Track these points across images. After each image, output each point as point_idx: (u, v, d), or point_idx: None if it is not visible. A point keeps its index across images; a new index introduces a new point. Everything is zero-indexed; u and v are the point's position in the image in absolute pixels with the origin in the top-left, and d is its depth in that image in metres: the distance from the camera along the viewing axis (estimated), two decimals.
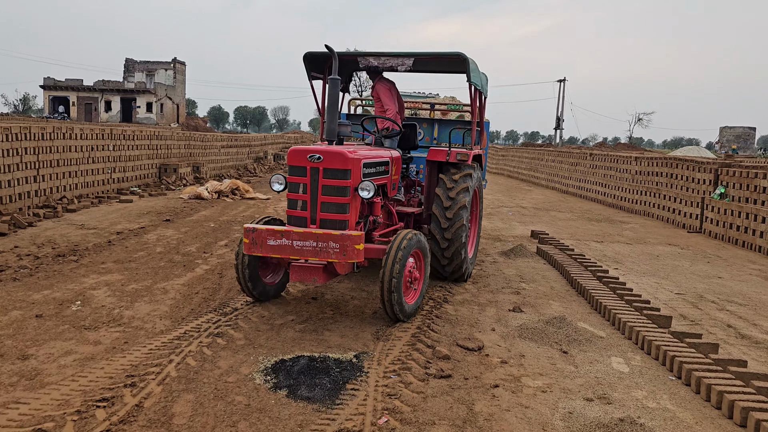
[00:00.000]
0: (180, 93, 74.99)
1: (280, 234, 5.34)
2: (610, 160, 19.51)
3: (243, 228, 5.57)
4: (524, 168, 29.43)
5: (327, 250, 5.21)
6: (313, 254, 5.26)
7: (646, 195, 16.34)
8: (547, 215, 15.63)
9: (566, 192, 22.80)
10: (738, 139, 77.44)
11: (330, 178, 5.52)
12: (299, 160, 5.60)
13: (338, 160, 5.53)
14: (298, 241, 5.29)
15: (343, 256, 5.19)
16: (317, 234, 5.25)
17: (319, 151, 5.54)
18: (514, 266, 8.77)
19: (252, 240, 5.45)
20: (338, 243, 5.18)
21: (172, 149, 18.69)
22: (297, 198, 5.66)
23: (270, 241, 5.38)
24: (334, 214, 5.54)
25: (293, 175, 5.66)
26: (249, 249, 5.48)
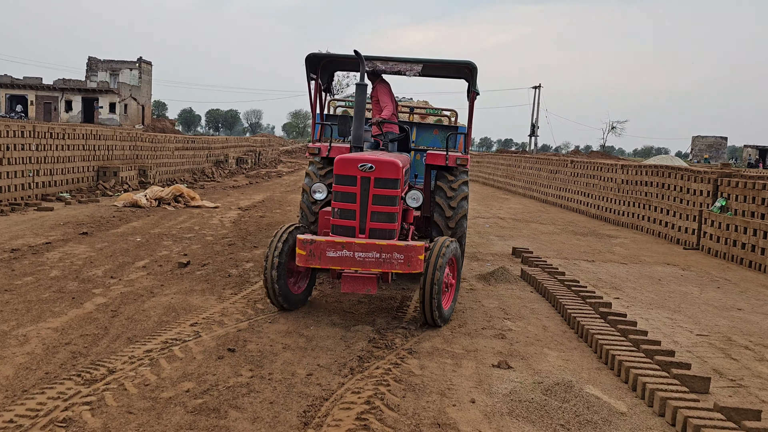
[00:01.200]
0: (146, 93, 72.42)
1: (341, 245, 5.28)
2: (593, 168, 18.17)
3: (297, 239, 5.41)
4: (500, 175, 28.08)
5: (391, 261, 5.26)
6: (375, 265, 5.27)
7: (635, 206, 14.99)
8: (528, 228, 14.16)
9: (545, 201, 21.44)
10: (710, 149, 77.60)
11: (381, 188, 5.52)
12: (349, 169, 5.53)
13: (391, 169, 5.54)
14: (360, 253, 5.26)
15: (407, 266, 5.26)
16: (381, 245, 5.27)
17: (371, 161, 5.51)
18: (495, 295, 7.21)
19: (309, 252, 5.31)
20: (403, 254, 5.25)
21: (114, 151, 16.80)
22: (345, 207, 5.55)
23: (330, 252, 5.29)
24: (384, 223, 5.55)
25: (341, 184, 5.56)
26: (306, 261, 5.35)
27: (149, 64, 73.71)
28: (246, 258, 8.53)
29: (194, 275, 7.26)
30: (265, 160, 34.54)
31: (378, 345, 5.02)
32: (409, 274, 5.45)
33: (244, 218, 12.47)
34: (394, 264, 5.26)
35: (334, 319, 5.76)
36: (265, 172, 28.74)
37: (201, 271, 7.47)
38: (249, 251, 9.07)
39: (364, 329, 5.46)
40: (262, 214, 13.30)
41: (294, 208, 14.93)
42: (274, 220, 12.50)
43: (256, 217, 12.67)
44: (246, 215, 12.92)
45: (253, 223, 11.81)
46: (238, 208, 13.94)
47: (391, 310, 6.18)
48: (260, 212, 13.56)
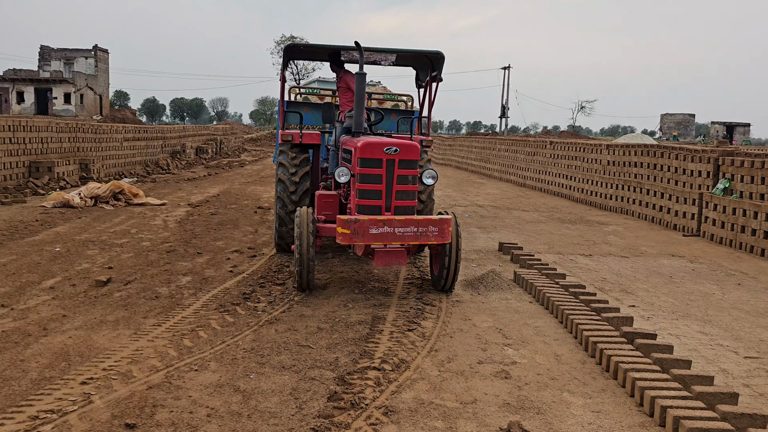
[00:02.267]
0: (103, 83, 69.41)
1: (382, 223, 5.64)
2: (574, 149, 16.99)
3: (337, 219, 5.67)
4: (474, 159, 26.83)
5: (427, 234, 5.73)
6: (414, 239, 5.72)
7: (624, 189, 13.84)
8: (510, 216, 12.91)
9: (524, 185, 20.25)
10: (678, 126, 77.70)
11: (405, 168, 5.97)
12: (375, 153, 5.91)
13: (413, 151, 6.00)
14: (399, 228, 5.67)
15: (441, 237, 5.77)
16: (418, 220, 5.71)
17: (395, 144, 5.93)
18: (487, 309, 5.90)
19: (353, 230, 5.60)
20: (437, 227, 5.75)
21: (50, 143, 15.03)
22: (371, 188, 5.93)
23: (372, 229, 5.62)
24: (407, 200, 6.04)
25: (366, 167, 5.92)
26: (350, 239, 5.62)
27: (106, 52, 70.65)
28: (184, 269, 7.06)
29: (112, 298, 5.79)
30: (227, 149, 32.75)
31: (341, 403, 3.65)
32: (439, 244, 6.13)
33: (192, 217, 10.95)
34: (430, 236, 5.75)
35: (284, 359, 4.37)
36: (227, 161, 27.03)
37: (122, 292, 6.00)
38: (190, 260, 7.60)
39: (323, 375, 4.09)
40: (214, 210, 11.77)
41: (252, 201, 13.43)
42: (227, 218, 11.00)
43: (206, 215, 11.14)
44: (195, 213, 11.39)
45: (202, 223, 10.30)
46: (188, 205, 12.39)
47: (359, 341, 4.82)
48: (212, 208, 12.03)
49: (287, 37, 62.24)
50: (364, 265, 7.58)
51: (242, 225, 10.35)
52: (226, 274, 6.92)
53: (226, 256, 7.92)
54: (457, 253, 6.15)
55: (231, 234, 9.48)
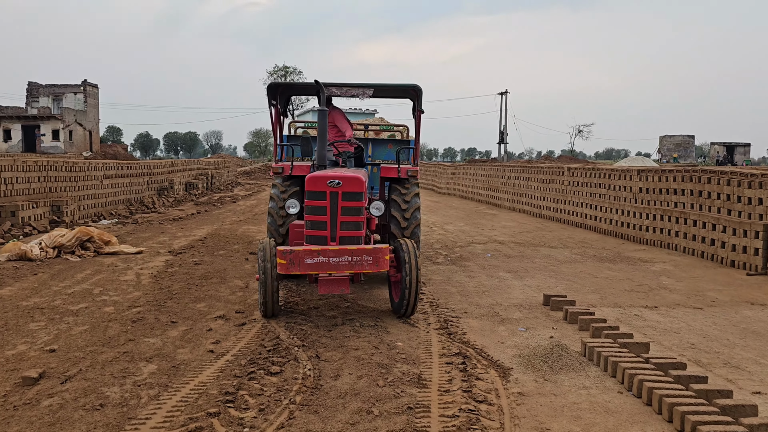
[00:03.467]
0: (92, 118, 68.13)
1: (316, 253, 5.84)
2: (597, 175, 15.46)
3: (277, 250, 5.90)
4: (480, 187, 25.31)
5: (361, 262, 5.90)
6: (348, 268, 5.90)
7: (663, 220, 12.26)
8: (539, 255, 11.29)
9: (539, 216, 18.68)
10: (678, 148, 76.76)
11: (348, 200, 6.27)
12: (319, 185, 6.25)
13: (355, 184, 6.32)
14: (334, 258, 5.85)
15: (375, 266, 5.94)
16: (352, 249, 5.90)
17: (337, 177, 6.27)
18: (566, 408, 4.23)
19: (289, 260, 5.82)
20: (371, 256, 5.92)
21: (15, 184, 13.41)
22: (317, 219, 6.26)
23: (307, 259, 5.83)
24: (352, 231, 6.31)
25: (313, 198, 6.28)
26: (287, 269, 5.83)
27: (95, 87, 69.56)
28: (150, 350, 5.39)
29: (37, 409, 4.09)
30: (219, 184, 31.17)
31: None
32: (376, 274, 6.57)
33: (172, 268, 9.29)
34: (364, 265, 5.89)
35: None
36: (218, 197, 25.42)
37: (54, 397, 4.30)
38: (160, 333, 5.93)
39: None
40: (199, 259, 10.11)
41: (243, 245, 11.78)
42: (213, 268, 9.35)
43: (188, 266, 9.48)
44: (176, 263, 9.72)
45: (182, 277, 8.63)
46: (168, 252, 10.72)
47: None
48: (197, 256, 10.37)
49: (280, 68, 61.42)
50: (384, 335, 5.92)
51: (230, 278, 8.69)
52: (204, 357, 5.25)
53: (207, 325, 6.25)
54: (415, 280, 6.24)
55: (216, 291, 7.82)
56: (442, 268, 9.81)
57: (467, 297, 7.72)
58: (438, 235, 14.01)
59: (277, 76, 61.15)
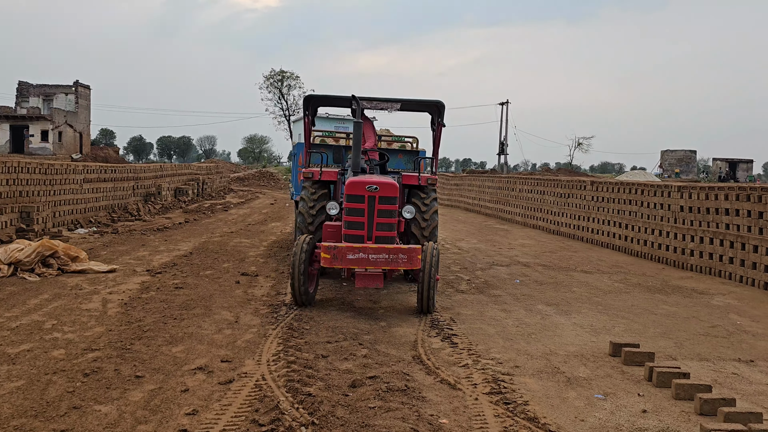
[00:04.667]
0: (83, 120, 66.36)
1: (357, 249, 6.66)
2: (627, 191, 14.01)
3: (321, 246, 6.81)
4: (488, 200, 23.85)
5: (397, 260, 6.73)
6: (385, 264, 6.72)
7: (714, 244, 10.81)
8: (574, 281, 9.81)
9: (558, 233, 17.21)
10: (680, 163, 75.76)
11: (384, 204, 7.07)
12: (358, 189, 7.06)
13: (391, 189, 7.14)
14: (373, 255, 6.66)
15: (409, 264, 6.77)
16: (389, 248, 6.73)
17: (375, 182, 7.06)
18: None
19: (333, 255, 6.66)
20: (406, 254, 6.74)
21: None
22: (355, 220, 7.06)
23: (349, 255, 6.65)
24: (386, 231, 7.12)
25: (352, 201, 7.07)
26: (330, 263, 6.72)
27: (87, 88, 67.86)
28: (99, 428, 3.85)
29: None
30: (210, 190, 29.58)
31: None
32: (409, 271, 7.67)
33: (148, 293, 7.74)
34: (399, 262, 6.74)
35: None
36: (209, 204, 23.86)
37: None
38: (118, 395, 4.39)
39: None
40: (181, 281, 8.56)
41: (234, 263, 10.23)
42: (197, 294, 7.80)
43: (168, 290, 7.94)
44: (153, 286, 8.17)
45: (158, 306, 7.08)
46: (146, 271, 9.16)
47: None
48: (179, 277, 8.83)
49: (277, 72, 59.96)
50: (420, 404, 4.39)
51: (217, 308, 7.14)
52: None
53: (182, 381, 4.72)
54: (430, 279, 6.83)
55: (198, 327, 6.28)
56: (468, 298, 8.30)
57: (511, 341, 6.20)
58: (453, 254, 12.51)
59: (274, 80, 59.73)
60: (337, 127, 43.00)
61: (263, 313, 6.98)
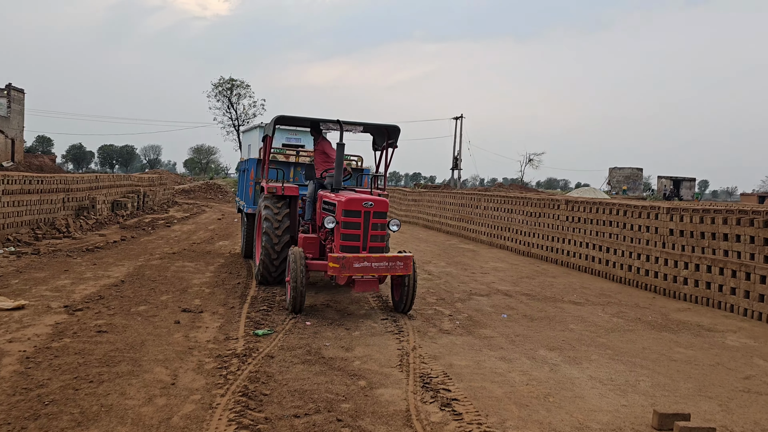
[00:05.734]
0: (16, 125, 62.41)
1: (362, 258, 7.39)
2: (608, 212, 13.08)
3: (329, 257, 7.47)
4: (450, 217, 22.76)
5: (395, 267, 7.53)
6: (386, 271, 7.50)
7: (712, 272, 9.89)
8: (568, 316, 8.67)
9: (529, 254, 16.20)
10: (627, 180, 77.14)
11: (377, 218, 7.85)
12: (355, 206, 7.74)
13: (383, 205, 7.90)
14: (375, 263, 7.45)
15: (405, 269, 7.60)
16: (389, 257, 7.55)
17: (372, 200, 7.83)
18: None
19: (342, 264, 7.31)
20: (402, 262, 7.59)
21: None
22: (352, 233, 7.74)
23: (356, 264, 7.35)
24: (379, 242, 7.91)
25: (349, 216, 7.73)
26: (339, 271, 7.32)
27: (21, 92, 63.97)
28: None
29: None
30: (152, 203, 27.49)
31: None
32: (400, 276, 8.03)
33: (60, 340, 6.12)
34: (397, 269, 7.54)
35: None
36: (150, 219, 21.91)
37: None
38: None
39: None
40: (107, 321, 6.95)
41: (175, 295, 8.65)
42: (124, 340, 6.23)
43: (87, 334, 6.33)
44: (70, 328, 6.55)
45: (71, 361, 5.49)
46: (64, 307, 7.50)
47: None
48: (104, 315, 7.21)
49: (226, 80, 57.84)
50: None
51: (149, 361, 5.61)
52: None
53: None
54: (414, 282, 7.95)
55: (121, 396, 4.74)
56: (457, 341, 7.01)
57: (528, 409, 4.92)
58: (424, 280, 11.23)
59: (223, 88, 57.60)
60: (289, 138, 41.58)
61: (209, 369, 5.49)
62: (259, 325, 7.15)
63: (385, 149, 9.74)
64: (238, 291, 9.18)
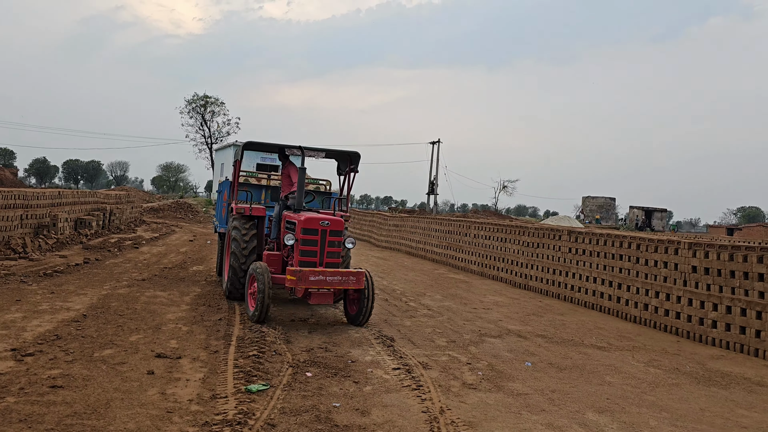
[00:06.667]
0: None
1: (317, 273, 8.02)
2: (617, 244, 12.20)
3: (287, 270, 8.09)
4: (435, 245, 21.74)
5: (348, 281, 8.16)
6: (339, 284, 8.12)
7: (747, 316, 9.00)
8: (599, 365, 7.66)
9: (526, 287, 15.24)
10: (600, 209, 77.51)
11: (333, 236, 8.52)
12: (313, 224, 8.42)
13: (339, 224, 8.57)
14: (330, 277, 8.07)
15: (357, 284, 8.22)
16: (342, 272, 8.19)
17: (327, 219, 8.50)
18: None
19: (298, 277, 7.90)
20: (355, 277, 8.22)
21: None
22: (310, 249, 8.40)
23: (311, 277, 7.97)
24: (334, 258, 8.56)
25: (307, 234, 8.40)
26: (296, 283, 7.93)
27: None
28: None
29: None
30: (119, 222, 25.87)
31: None
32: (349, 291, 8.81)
33: (3, 399, 4.83)
34: (350, 283, 8.17)
35: None
36: (116, 239, 20.38)
37: None
38: None
39: None
40: (64, 370, 5.66)
41: (147, 334, 7.37)
42: (87, 399, 4.97)
43: (38, 392, 5.05)
44: (15, 383, 5.25)
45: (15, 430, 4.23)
46: (11, 351, 6.18)
47: None
48: (61, 362, 5.91)
49: (200, 97, 56.38)
50: None
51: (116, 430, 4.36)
52: None
53: None
54: (371, 295, 8.54)
55: None
56: (488, 400, 5.90)
57: None
58: (425, 316, 10.13)
59: (197, 105, 56.11)
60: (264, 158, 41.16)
61: None
62: (251, 376, 5.95)
63: (347, 174, 10.38)
64: (220, 330, 7.94)
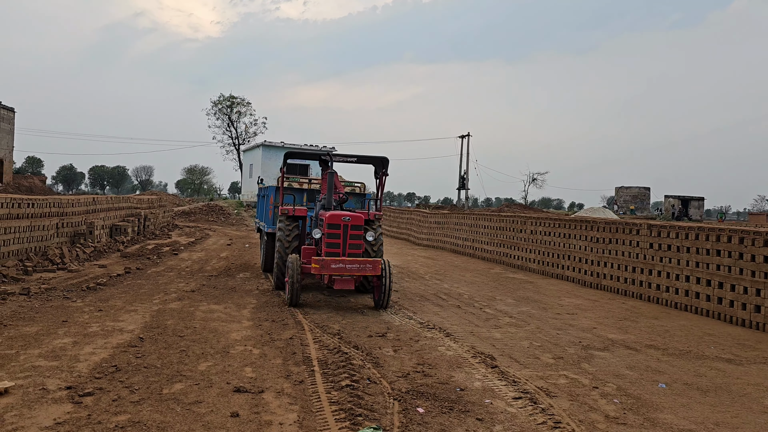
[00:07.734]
0: (5, 145, 59.78)
1: (338, 261, 9.27)
2: (712, 239, 10.91)
3: (312, 259, 9.42)
4: (486, 242, 20.53)
5: (365, 268, 9.35)
6: (358, 271, 9.33)
7: None
8: (743, 385, 6.46)
9: (598, 286, 13.99)
10: (635, 200, 75.33)
11: (354, 230, 9.76)
12: (336, 220, 9.67)
13: (359, 220, 9.80)
14: (349, 264, 9.30)
15: (373, 270, 9.37)
16: (360, 259, 9.42)
17: (348, 215, 9.74)
18: None
19: (321, 265, 9.21)
20: (371, 264, 9.38)
21: None
22: (334, 242, 9.64)
23: (333, 265, 9.23)
24: (355, 249, 9.77)
25: (332, 228, 9.67)
26: (319, 270, 9.24)
27: (11, 110, 61.44)
28: None
29: None
30: (153, 227, 25.11)
31: None
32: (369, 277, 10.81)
33: None
34: (367, 269, 9.34)
35: None
36: (153, 245, 19.55)
37: None
38: None
39: None
40: (133, 415, 4.65)
41: (216, 360, 6.36)
42: None
43: None
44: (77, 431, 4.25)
45: None
46: (66, 389, 5.19)
47: None
48: (128, 403, 4.91)
49: (225, 98, 55.73)
50: None
51: None
52: None
53: None
54: (388, 281, 9.71)
55: None
56: None
57: None
58: (510, 326, 8.97)
59: (223, 106, 55.47)
60: None
61: None
62: (355, 416, 4.88)
63: (380, 177, 11.75)
64: (296, 350, 6.90)
